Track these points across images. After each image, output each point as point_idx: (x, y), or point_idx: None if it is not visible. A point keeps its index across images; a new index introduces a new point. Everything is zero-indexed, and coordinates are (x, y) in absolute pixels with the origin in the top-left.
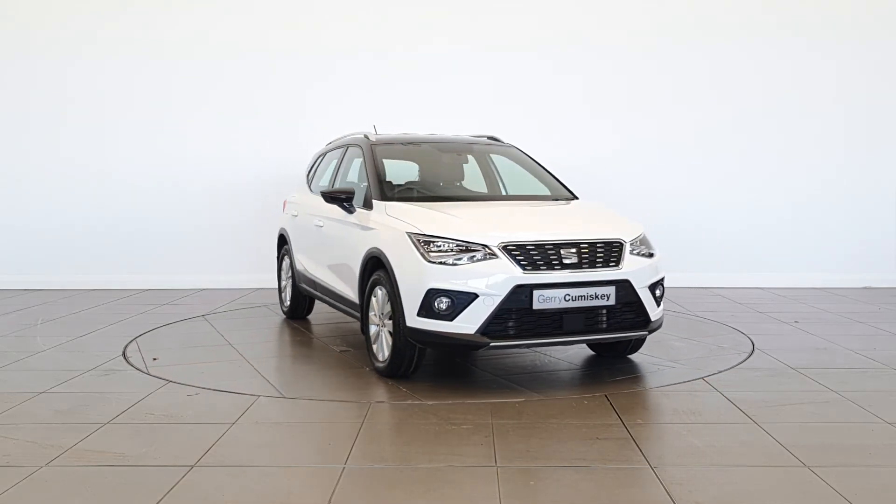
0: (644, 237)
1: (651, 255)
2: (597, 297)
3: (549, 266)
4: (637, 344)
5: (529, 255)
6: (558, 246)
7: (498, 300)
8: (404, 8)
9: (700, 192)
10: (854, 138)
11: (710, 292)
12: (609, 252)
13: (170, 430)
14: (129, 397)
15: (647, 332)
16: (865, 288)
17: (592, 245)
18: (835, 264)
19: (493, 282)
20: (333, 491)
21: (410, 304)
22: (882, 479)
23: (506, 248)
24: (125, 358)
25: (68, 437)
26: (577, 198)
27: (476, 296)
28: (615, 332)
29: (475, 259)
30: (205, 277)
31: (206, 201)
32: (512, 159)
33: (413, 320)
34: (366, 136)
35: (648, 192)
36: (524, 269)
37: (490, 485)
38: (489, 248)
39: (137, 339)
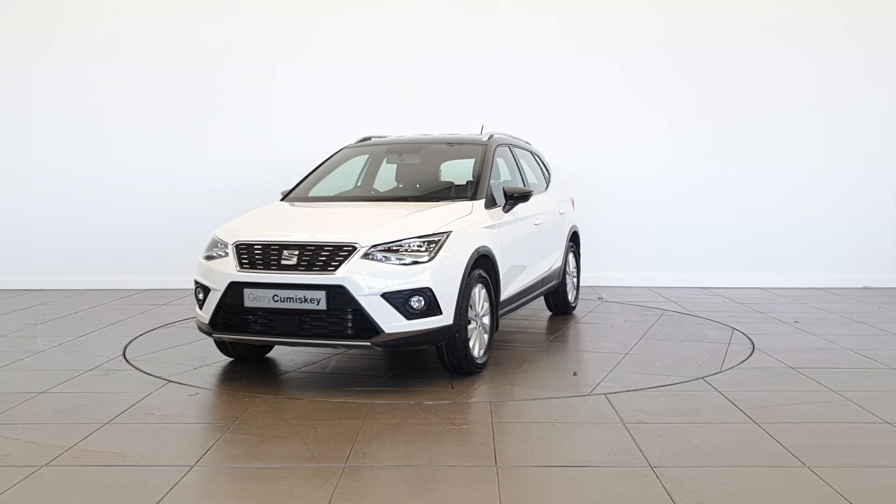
0: (428, 241)
1: (412, 263)
2: (306, 300)
3: (267, 266)
4: (463, 362)
5: (253, 254)
6: (282, 247)
7: (219, 295)
8: (421, 9)
9: (701, 192)
10: (855, 140)
11: (710, 292)
12: (333, 256)
13: (170, 430)
14: (129, 397)
15: (368, 343)
16: (865, 288)
17: (318, 248)
18: (835, 264)
19: (217, 278)
20: (333, 491)
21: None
22: (882, 479)
23: (237, 247)
24: (125, 358)
25: (68, 437)
26: (476, 200)
27: (209, 289)
28: (328, 338)
29: (219, 256)
30: None
31: (206, 201)
32: (473, 158)
33: (196, 310)
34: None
35: (650, 192)
36: (241, 268)
37: (490, 485)
38: (228, 247)
39: (138, 339)
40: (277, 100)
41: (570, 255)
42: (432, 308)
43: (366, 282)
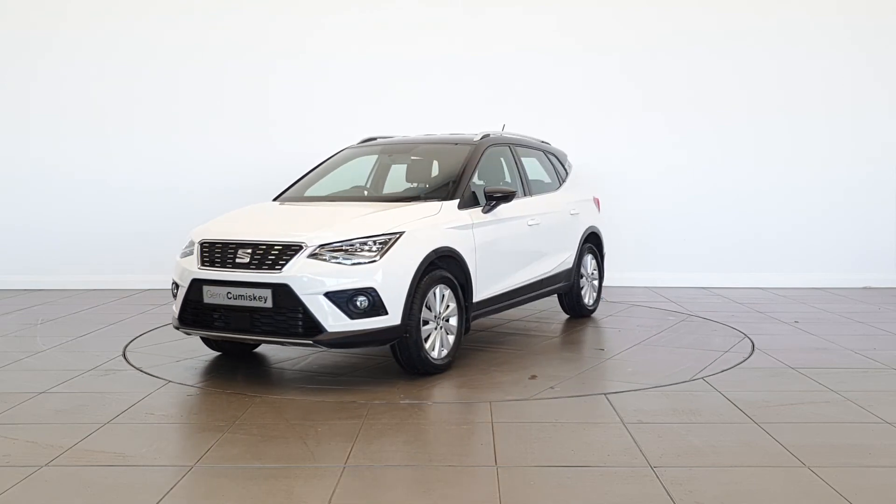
0: (380, 242)
1: (359, 263)
2: (255, 298)
3: (224, 264)
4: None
5: (214, 252)
6: (238, 246)
7: (184, 291)
8: (421, 9)
9: (701, 192)
10: (856, 140)
11: (710, 292)
12: (281, 255)
13: (170, 430)
14: (129, 397)
15: (311, 343)
16: (865, 288)
17: (269, 247)
18: (835, 264)
19: (182, 274)
20: (333, 491)
21: None
22: (882, 479)
23: (202, 245)
24: (125, 358)
25: (68, 437)
26: (448, 200)
27: (179, 286)
28: (275, 336)
29: (189, 253)
30: None
31: (206, 201)
32: (457, 158)
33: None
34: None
35: (650, 192)
36: (202, 265)
37: (490, 485)
38: (195, 244)
39: (138, 339)
40: (277, 100)
41: (589, 257)
42: (377, 308)
43: (309, 281)
